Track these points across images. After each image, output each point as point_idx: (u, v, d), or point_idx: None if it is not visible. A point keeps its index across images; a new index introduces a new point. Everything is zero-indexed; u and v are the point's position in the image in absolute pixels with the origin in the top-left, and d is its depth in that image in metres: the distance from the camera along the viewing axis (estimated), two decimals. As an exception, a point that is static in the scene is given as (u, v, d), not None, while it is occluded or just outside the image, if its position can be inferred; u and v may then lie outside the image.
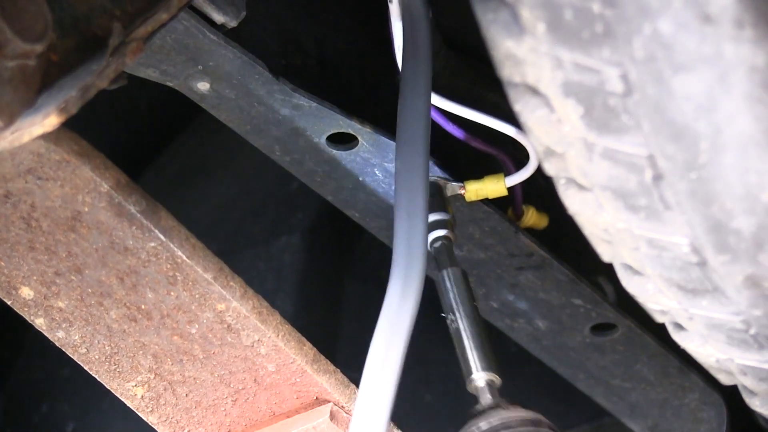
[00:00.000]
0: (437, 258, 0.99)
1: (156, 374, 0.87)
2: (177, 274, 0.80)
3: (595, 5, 0.57)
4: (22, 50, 0.63)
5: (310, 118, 0.99)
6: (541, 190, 1.19)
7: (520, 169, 1.02)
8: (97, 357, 0.86)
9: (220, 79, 0.96)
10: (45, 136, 0.71)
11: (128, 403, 0.89)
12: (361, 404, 0.77)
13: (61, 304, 0.83)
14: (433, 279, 1.16)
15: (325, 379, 0.88)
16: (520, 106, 0.66)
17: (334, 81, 1.05)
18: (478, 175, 1.03)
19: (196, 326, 0.83)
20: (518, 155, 1.03)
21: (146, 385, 0.88)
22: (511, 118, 1.02)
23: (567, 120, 0.64)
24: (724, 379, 0.84)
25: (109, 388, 0.88)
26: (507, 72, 0.64)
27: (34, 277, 0.81)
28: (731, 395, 1.14)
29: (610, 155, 0.64)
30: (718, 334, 0.75)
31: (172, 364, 0.86)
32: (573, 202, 0.72)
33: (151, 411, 0.89)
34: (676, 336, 0.81)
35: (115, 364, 0.86)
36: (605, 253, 0.77)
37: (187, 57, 0.94)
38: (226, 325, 0.83)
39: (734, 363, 0.79)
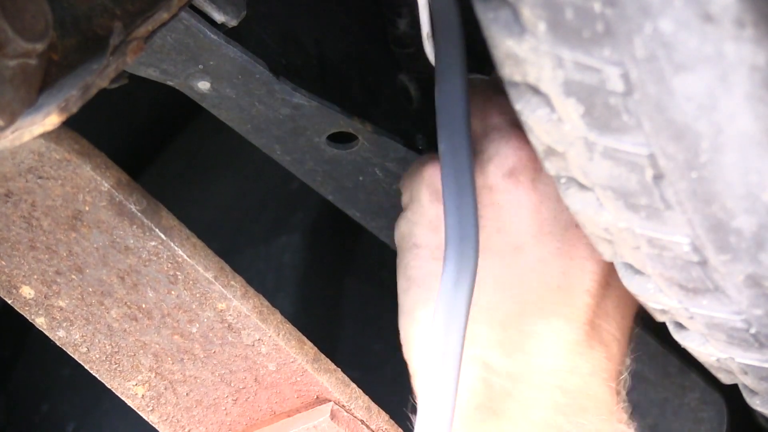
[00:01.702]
0: None
1: (157, 373, 0.87)
2: (178, 273, 0.80)
3: (596, 4, 0.57)
4: (23, 49, 0.63)
5: (310, 117, 0.99)
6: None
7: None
8: (97, 356, 0.86)
9: (220, 79, 0.96)
10: (46, 135, 0.71)
11: (129, 403, 0.89)
12: (425, 396, 0.78)
13: (61, 303, 0.83)
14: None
15: (325, 379, 0.88)
16: (521, 105, 0.66)
17: (335, 81, 1.05)
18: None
19: (197, 325, 0.84)
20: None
21: (147, 384, 0.88)
22: None
23: (568, 119, 0.64)
24: (725, 379, 0.84)
25: (109, 387, 0.88)
26: (507, 71, 0.64)
27: (35, 276, 0.81)
28: (732, 394, 1.14)
29: (610, 154, 0.64)
30: (718, 333, 0.75)
31: (173, 363, 0.86)
32: (574, 201, 0.72)
33: (151, 410, 0.89)
34: (677, 335, 0.81)
35: (116, 363, 0.86)
36: (606, 252, 0.77)
37: (187, 56, 0.94)
38: (226, 325, 0.84)
39: (735, 362, 0.79)
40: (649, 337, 1.13)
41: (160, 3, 0.73)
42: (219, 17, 0.92)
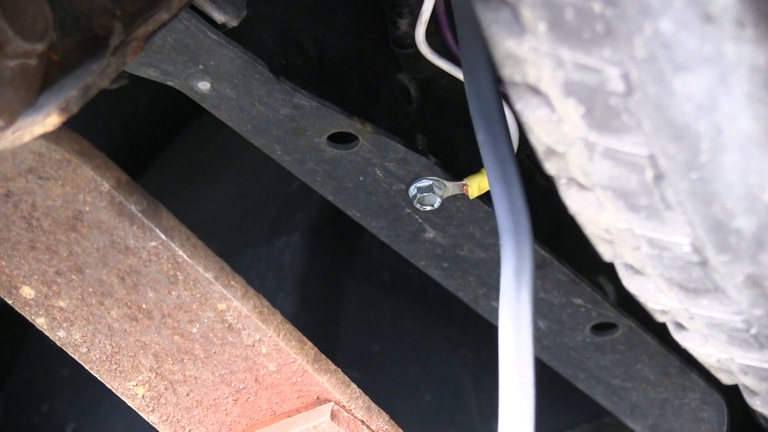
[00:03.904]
0: None
1: (157, 374, 0.87)
2: (178, 273, 0.80)
3: (596, 5, 0.57)
4: (23, 50, 0.63)
5: (310, 117, 0.99)
6: (542, 190, 1.19)
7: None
8: (98, 356, 0.86)
9: (220, 79, 0.96)
10: (46, 136, 0.71)
11: (129, 403, 0.89)
12: (505, 392, 0.77)
13: (62, 304, 0.83)
14: (430, 276, 1.16)
15: (326, 379, 0.88)
16: (521, 105, 0.66)
17: (335, 81, 1.05)
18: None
19: (197, 326, 0.84)
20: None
21: (147, 385, 0.88)
22: None
23: (568, 119, 0.64)
24: (725, 379, 0.84)
25: (110, 387, 0.88)
26: (508, 71, 0.64)
27: (35, 277, 0.81)
28: (732, 395, 1.14)
29: (611, 155, 0.64)
30: (718, 333, 0.75)
31: (173, 364, 0.86)
32: (574, 201, 0.72)
33: (152, 410, 0.89)
34: (677, 335, 0.81)
35: (116, 364, 0.86)
36: (606, 253, 0.77)
37: (187, 56, 0.94)
38: (227, 325, 0.84)
39: (735, 362, 0.79)
40: (649, 337, 1.13)
41: (160, 3, 0.73)
42: (219, 17, 0.92)
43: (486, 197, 1.04)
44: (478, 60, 0.87)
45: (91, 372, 0.87)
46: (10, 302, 0.83)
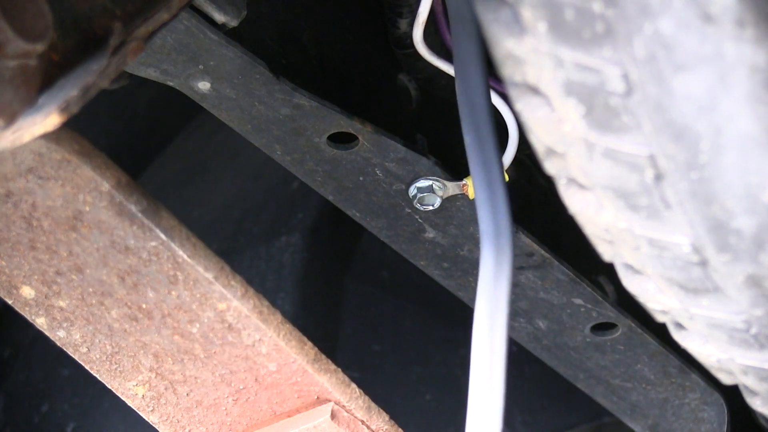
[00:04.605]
0: None
1: (157, 373, 0.87)
2: (178, 273, 0.80)
3: (596, 5, 0.57)
4: (23, 50, 0.63)
5: (310, 117, 1.00)
6: (542, 190, 1.19)
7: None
8: (98, 356, 0.86)
9: (220, 79, 0.96)
10: (46, 136, 0.71)
11: (129, 403, 0.89)
12: (475, 393, 0.77)
13: (62, 304, 0.83)
14: (431, 277, 1.16)
15: (326, 379, 0.88)
16: (521, 105, 0.66)
17: (335, 80, 1.05)
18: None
19: (197, 325, 0.84)
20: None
21: (147, 385, 0.88)
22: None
23: (568, 119, 0.64)
24: (725, 379, 0.84)
25: (110, 387, 0.88)
26: (508, 71, 0.64)
27: (35, 277, 0.81)
28: (732, 395, 1.14)
29: (611, 155, 0.64)
30: (718, 333, 0.75)
31: (173, 364, 0.86)
32: (574, 201, 0.72)
33: (152, 410, 0.89)
34: (677, 335, 0.81)
35: (116, 364, 0.86)
36: (606, 253, 0.77)
37: (187, 56, 0.94)
38: (227, 325, 0.83)
39: (735, 363, 0.79)
40: (649, 337, 1.13)
41: (161, 3, 0.73)
42: (219, 17, 0.92)
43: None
44: (470, 63, 0.87)
45: (91, 372, 0.87)
46: (10, 302, 0.83)
